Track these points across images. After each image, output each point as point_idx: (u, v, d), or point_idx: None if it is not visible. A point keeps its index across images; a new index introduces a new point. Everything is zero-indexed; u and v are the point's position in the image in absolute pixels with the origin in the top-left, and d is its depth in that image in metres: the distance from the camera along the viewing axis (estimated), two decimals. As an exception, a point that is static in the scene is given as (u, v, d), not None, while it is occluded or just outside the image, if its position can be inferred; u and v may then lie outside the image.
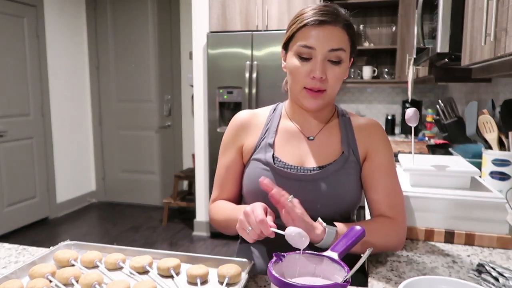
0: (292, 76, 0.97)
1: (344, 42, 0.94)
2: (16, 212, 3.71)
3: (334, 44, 0.92)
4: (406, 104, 3.75)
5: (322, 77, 0.92)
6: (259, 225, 0.78)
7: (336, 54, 0.92)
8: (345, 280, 0.64)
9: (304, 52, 0.93)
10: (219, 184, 1.08)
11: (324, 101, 0.97)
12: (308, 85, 0.94)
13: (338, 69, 0.94)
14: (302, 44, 0.93)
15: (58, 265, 0.90)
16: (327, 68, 0.93)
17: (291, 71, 0.97)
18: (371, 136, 1.02)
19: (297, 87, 0.97)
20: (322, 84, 0.93)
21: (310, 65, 0.93)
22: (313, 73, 0.92)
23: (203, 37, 3.38)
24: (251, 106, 3.21)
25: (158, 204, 4.48)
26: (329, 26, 0.92)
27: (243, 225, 0.82)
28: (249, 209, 0.82)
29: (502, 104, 1.39)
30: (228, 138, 1.08)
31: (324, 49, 0.92)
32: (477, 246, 1.04)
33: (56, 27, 4.07)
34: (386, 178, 0.98)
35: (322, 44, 0.91)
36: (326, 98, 0.96)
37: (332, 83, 0.94)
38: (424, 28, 1.82)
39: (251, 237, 0.80)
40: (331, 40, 0.91)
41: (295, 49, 0.95)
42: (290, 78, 0.98)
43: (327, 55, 0.92)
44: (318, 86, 0.93)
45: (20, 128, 3.73)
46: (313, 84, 0.93)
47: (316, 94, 0.94)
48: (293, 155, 1.00)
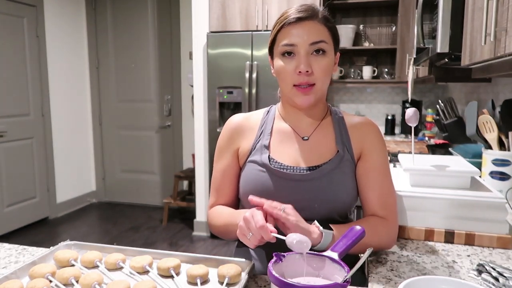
0: (280, 77, 0.98)
1: (324, 35, 0.95)
2: (16, 212, 3.71)
3: (314, 37, 0.94)
4: (406, 104, 3.75)
5: (308, 71, 0.93)
6: (260, 230, 0.78)
7: (318, 46, 0.94)
8: (345, 280, 0.64)
9: (287, 50, 0.95)
10: (215, 189, 1.08)
11: (316, 96, 0.97)
12: (296, 81, 0.95)
13: (323, 61, 0.95)
14: (284, 43, 0.95)
15: (58, 265, 0.90)
16: (312, 62, 0.94)
17: (278, 72, 0.98)
18: (365, 135, 1.02)
19: (286, 87, 0.98)
20: (309, 78, 0.94)
21: (294, 61, 0.94)
22: (298, 68, 0.93)
23: (203, 37, 3.38)
24: (251, 106, 3.21)
25: (158, 204, 4.48)
26: (306, 21, 0.94)
27: (243, 231, 0.82)
28: (248, 215, 0.81)
29: (502, 104, 1.39)
30: (223, 142, 1.08)
31: (305, 44, 0.93)
32: (477, 246, 1.04)
33: (56, 27, 4.08)
34: (380, 178, 0.98)
35: (302, 39, 0.93)
36: (317, 92, 0.97)
37: (319, 75, 0.95)
38: (424, 28, 1.82)
39: (252, 242, 0.80)
40: (310, 33, 0.93)
41: (278, 50, 0.97)
42: (279, 80, 1.00)
43: (309, 49, 0.94)
44: (306, 80, 0.94)
45: (20, 128, 3.73)
46: (300, 79, 0.94)
47: (305, 90, 0.95)
48: (289, 155, 1.01)
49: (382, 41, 3.79)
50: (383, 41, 3.80)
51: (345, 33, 3.61)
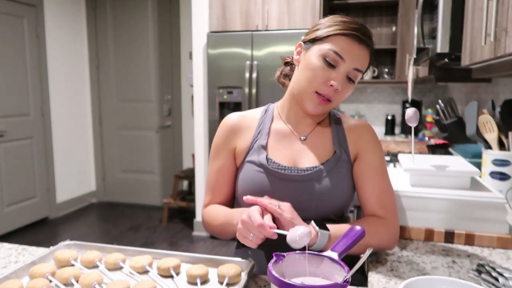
0: (307, 74, 0.96)
1: (366, 66, 0.98)
2: (16, 212, 3.71)
3: (360, 65, 0.95)
4: (406, 104, 3.75)
5: (338, 89, 0.94)
6: (259, 229, 0.78)
7: (356, 74, 0.96)
8: (345, 280, 0.64)
9: (332, 58, 0.93)
10: (211, 188, 1.08)
11: (326, 110, 1.00)
12: (321, 90, 0.95)
13: (350, 87, 0.98)
14: (335, 50, 0.93)
15: (58, 265, 0.90)
16: (343, 83, 0.95)
17: (310, 69, 0.96)
18: (361, 137, 1.03)
19: (309, 88, 0.96)
20: (333, 94, 0.95)
21: (333, 73, 0.94)
22: (332, 81, 0.94)
23: (203, 37, 3.38)
24: (251, 106, 3.21)
25: (158, 204, 4.48)
26: (363, 46, 0.95)
27: (244, 234, 0.82)
28: (245, 217, 0.82)
29: (502, 104, 1.39)
30: (219, 142, 1.07)
31: (351, 65, 0.94)
32: (477, 246, 1.04)
33: (56, 27, 4.08)
34: (377, 178, 0.99)
35: (351, 59, 0.94)
36: (330, 108, 0.99)
37: (340, 97, 0.97)
38: (424, 28, 1.82)
39: (255, 242, 0.81)
40: (359, 60, 0.95)
41: (323, 50, 0.94)
42: (303, 75, 0.97)
43: (350, 72, 0.95)
44: (330, 95, 0.95)
45: (20, 128, 3.73)
46: (326, 91, 0.95)
47: (324, 102, 0.96)
48: (286, 156, 1.01)
49: (382, 41, 3.80)
50: (383, 41, 3.80)
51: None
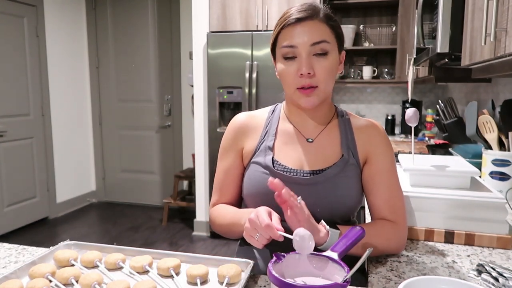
0: (283, 80, 0.97)
1: (326, 34, 0.92)
2: (16, 212, 3.71)
3: (315, 37, 0.91)
4: (406, 104, 3.75)
5: (310, 73, 0.91)
6: (266, 230, 0.77)
7: (320, 47, 0.91)
8: (345, 280, 0.64)
9: (288, 52, 0.93)
10: (218, 188, 1.08)
11: (319, 98, 0.95)
12: (299, 84, 0.93)
13: (325, 62, 0.92)
14: (284, 44, 0.93)
15: (58, 265, 0.90)
16: (314, 63, 0.92)
17: (281, 75, 0.97)
18: (371, 139, 1.01)
19: (290, 90, 0.96)
20: (312, 80, 0.92)
21: (296, 64, 0.92)
22: (300, 70, 0.91)
23: (203, 37, 3.38)
24: (251, 106, 3.21)
25: (158, 204, 4.48)
26: (307, 21, 0.91)
27: (250, 233, 0.82)
28: (253, 216, 0.81)
29: (502, 104, 1.39)
30: (227, 141, 1.07)
31: (306, 45, 0.91)
32: (477, 246, 1.04)
33: (56, 27, 4.07)
34: (387, 181, 0.97)
35: (303, 40, 0.91)
36: (320, 94, 0.94)
37: (322, 77, 0.92)
38: (424, 28, 1.82)
39: (261, 242, 0.80)
40: (311, 34, 0.91)
41: (279, 52, 0.95)
42: (282, 82, 0.98)
43: (311, 50, 0.91)
44: (308, 82, 0.92)
45: (20, 128, 3.73)
46: (303, 82, 0.92)
47: (308, 92, 0.93)
48: (293, 158, 1.00)
49: (382, 41, 3.79)
50: (383, 41, 3.80)
51: (345, 33, 3.59)
